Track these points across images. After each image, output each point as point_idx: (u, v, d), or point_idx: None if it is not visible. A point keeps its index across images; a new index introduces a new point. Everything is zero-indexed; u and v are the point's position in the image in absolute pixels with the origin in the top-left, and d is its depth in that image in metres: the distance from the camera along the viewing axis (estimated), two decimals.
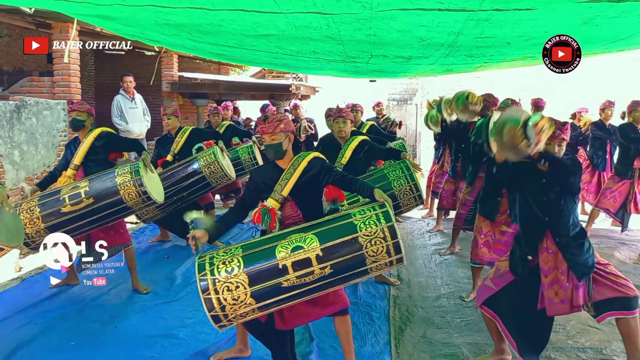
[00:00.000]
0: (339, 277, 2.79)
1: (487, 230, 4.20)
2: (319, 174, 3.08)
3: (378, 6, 2.80)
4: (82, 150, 4.46)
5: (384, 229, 2.78)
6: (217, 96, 10.66)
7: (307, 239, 2.79)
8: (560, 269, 3.00)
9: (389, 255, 2.78)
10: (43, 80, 7.60)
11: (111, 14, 3.97)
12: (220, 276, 2.72)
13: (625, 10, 2.80)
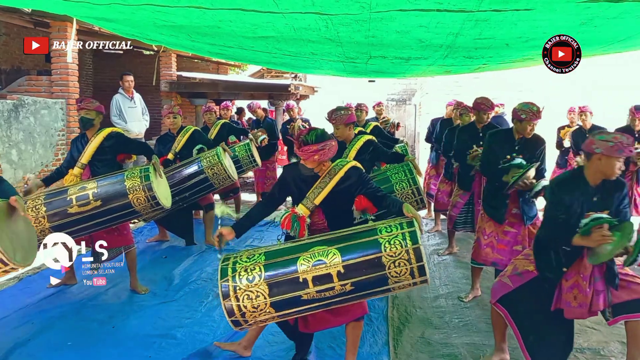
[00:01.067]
0: (359, 294, 2.77)
1: (490, 231, 4.17)
2: (354, 185, 3.01)
3: (377, 7, 2.80)
4: (90, 149, 4.38)
5: (409, 250, 2.67)
6: (215, 96, 10.66)
7: (330, 253, 2.73)
8: (583, 274, 2.95)
9: (413, 277, 2.70)
10: (41, 79, 7.58)
11: (109, 15, 3.96)
12: (241, 284, 2.72)
13: (623, 11, 2.80)
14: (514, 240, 4.09)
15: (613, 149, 2.75)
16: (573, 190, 2.91)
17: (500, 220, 4.11)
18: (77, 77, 7.66)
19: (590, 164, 2.87)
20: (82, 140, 4.50)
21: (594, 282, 2.95)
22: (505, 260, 4.09)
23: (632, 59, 10.25)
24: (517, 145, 3.96)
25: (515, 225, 4.09)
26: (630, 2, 2.62)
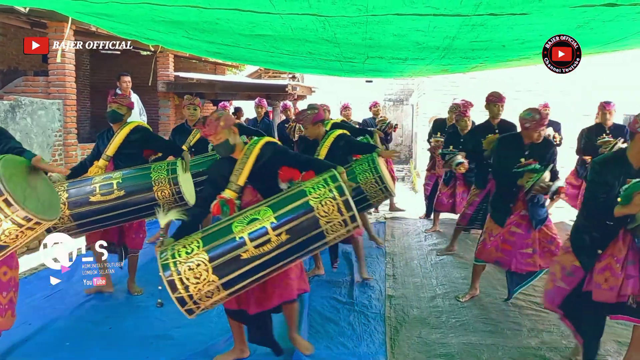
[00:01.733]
0: (296, 243, 2.85)
1: (497, 232, 4.17)
2: (273, 158, 3.20)
3: (373, 10, 2.81)
4: (116, 141, 4.31)
5: (332, 189, 2.88)
6: (213, 96, 10.66)
7: (261, 210, 2.89)
8: (616, 257, 2.97)
9: (341, 213, 2.86)
10: (38, 79, 7.58)
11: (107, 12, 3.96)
12: (181, 257, 2.78)
13: (619, 14, 2.81)
14: (521, 243, 4.08)
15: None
16: (615, 171, 2.92)
17: (501, 223, 4.12)
18: (74, 77, 7.66)
19: (634, 144, 2.89)
20: (108, 133, 4.45)
21: (626, 266, 2.96)
22: (508, 260, 4.12)
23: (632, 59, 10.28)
24: (527, 150, 3.96)
25: (523, 227, 4.08)
26: (625, 6, 2.63)
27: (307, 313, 4.07)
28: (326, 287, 4.79)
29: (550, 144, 4.06)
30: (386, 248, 6.14)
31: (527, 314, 4.13)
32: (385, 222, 7.52)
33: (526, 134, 3.93)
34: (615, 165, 2.96)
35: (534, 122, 3.83)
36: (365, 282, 4.91)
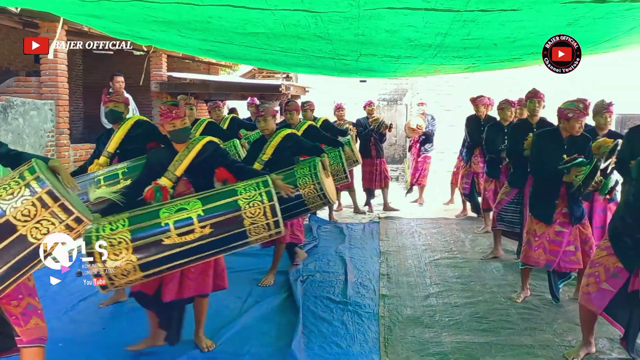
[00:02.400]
0: (218, 238, 2.93)
1: (541, 232, 4.09)
2: (212, 157, 3.36)
3: (365, 4, 2.81)
4: (117, 137, 4.19)
5: (262, 193, 3.03)
6: (206, 96, 10.64)
7: (191, 202, 2.99)
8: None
9: (266, 217, 3.00)
10: (30, 80, 7.54)
11: (99, 12, 3.94)
12: (104, 233, 2.81)
13: (609, 11, 2.82)
14: (567, 241, 4.04)
15: None
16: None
17: (548, 221, 4.04)
18: (67, 78, 7.63)
19: None
20: (107, 133, 4.34)
21: None
22: (557, 261, 4.05)
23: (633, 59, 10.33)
24: (566, 145, 3.91)
25: (566, 225, 4.03)
26: (614, 3, 2.64)
27: (301, 313, 4.06)
28: (320, 286, 4.79)
29: (588, 138, 3.96)
30: (380, 247, 6.14)
31: (520, 313, 4.13)
32: (380, 221, 7.52)
33: (566, 126, 3.84)
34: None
35: (577, 112, 3.75)
36: (359, 282, 4.90)
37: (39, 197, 2.10)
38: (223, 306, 4.27)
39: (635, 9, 2.79)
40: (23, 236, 2.06)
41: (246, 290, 4.63)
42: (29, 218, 2.07)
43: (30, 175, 2.14)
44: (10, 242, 2.06)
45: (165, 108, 3.29)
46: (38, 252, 2.14)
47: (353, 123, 7.96)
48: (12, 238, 2.06)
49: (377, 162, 8.10)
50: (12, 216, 2.06)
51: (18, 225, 2.06)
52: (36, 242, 2.10)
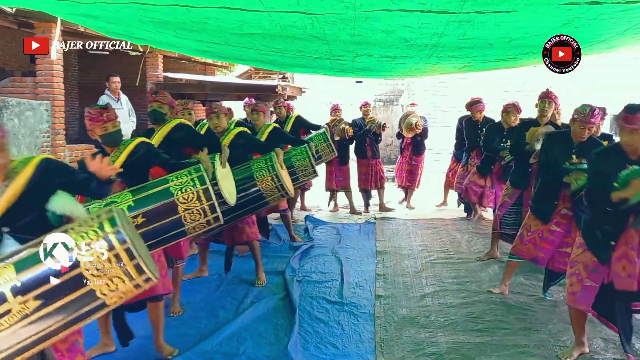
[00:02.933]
0: (152, 227, 2.89)
1: (535, 228, 4.14)
2: (145, 157, 3.30)
3: (361, 7, 2.82)
4: (156, 138, 4.08)
5: (194, 178, 3.02)
6: (203, 97, 10.62)
7: (122, 195, 2.98)
8: (630, 244, 3.00)
9: (200, 201, 2.99)
10: (25, 80, 7.52)
11: (94, 13, 3.94)
12: None
13: (603, 12, 2.84)
14: (559, 241, 4.07)
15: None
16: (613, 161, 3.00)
17: (546, 220, 4.08)
18: (63, 78, 7.60)
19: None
20: (148, 134, 4.23)
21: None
22: (546, 258, 4.11)
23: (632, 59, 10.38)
24: (575, 149, 3.88)
25: (562, 226, 4.05)
26: (608, 4, 2.66)
27: (298, 314, 4.06)
28: (316, 287, 4.79)
29: (600, 145, 3.87)
30: (376, 248, 6.15)
31: (515, 313, 4.14)
32: (376, 222, 7.52)
33: (573, 130, 3.85)
34: (613, 156, 3.03)
35: (582, 116, 3.74)
36: (355, 282, 4.91)
37: (116, 254, 2.00)
38: (219, 306, 4.28)
39: (628, 10, 2.81)
40: (92, 291, 1.98)
41: (242, 291, 4.63)
42: (102, 274, 1.99)
43: (110, 228, 2.02)
44: (78, 296, 1.97)
45: (94, 112, 3.18)
46: (103, 306, 2.06)
47: (349, 123, 7.96)
48: (81, 292, 1.98)
49: (372, 162, 8.10)
50: (85, 269, 1.97)
51: (89, 279, 1.97)
52: (103, 298, 2.01)
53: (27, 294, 1.94)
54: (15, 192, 2.33)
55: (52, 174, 2.45)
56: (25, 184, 2.36)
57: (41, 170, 2.41)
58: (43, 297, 1.95)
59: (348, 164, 8.17)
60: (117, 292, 2.03)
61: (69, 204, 2.38)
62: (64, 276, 1.96)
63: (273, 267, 5.37)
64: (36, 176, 2.39)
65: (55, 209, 2.36)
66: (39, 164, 2.43)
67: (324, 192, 8.49)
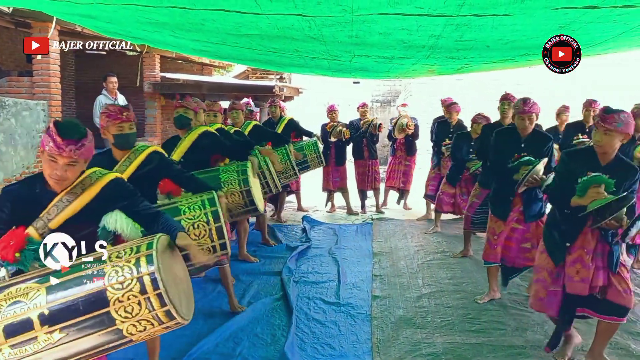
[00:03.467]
0: None
1: (499, 230, 4.20)
2: (157, 168, 3.09)
3: (359, 10, 2.82)
4: (183, 146, 4.05)
5: (208, 213, 2.89)
6: (200, 97, 10.58)
7: None
8: (586, 249, 3.04)
9: (212, 240, 2.88)
10: (22, 80, 7.49)
11: (92, 13, 3.94)
12: None
13: (600, 16, 2.85)
14: (522, 238, 4.14)
15: None
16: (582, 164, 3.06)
17: (503, 217, 4.15)
18: (59, 78, 7.58)
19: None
20: (174, 141, 4.20)
21: (596, 258, 3.04)
22: (512, 256, 4.18)
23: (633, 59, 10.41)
24: (523, 143, 4.01)
25: (521, 223, 4.13)
26: (605, 9, 2.67)
27: (295, 315, 4.07)
28: (312, 287, 4.80)
29: (548, 138, 4.08)
30: (373, 249, 6.16)
31: (511, 314, 4.16)
32: (372, 222, 7.53)
33: (517, 125, 3.99)
34: (583, 158, 3.06)
35: (516, 108, 3.96)
36: (351, 283, 4.92)
37: (147, 298, 1.94)
38: (216, 307, 4.28)
39: (625, 14, 2.83)
40: (119, 330, 1.94)
41: (239, 292, 4.63)
42: (130, 316, 1.93)
43: (146, 268, 1.95)
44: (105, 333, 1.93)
45: (114, 109, 3.05)
46: (129, 342, 2.01)
47: (346, 125, 7.97)
48: (108, 330, 1.94)
49: (369, 163, 8.10)
50: (115, 310, 1.92)
51: (117, 320, 1.92)
52: (130, 337, 1.97)
53: (54, 325, 1.91)
54: (77, 207, 2.28)
55: (118, 196, 2.39)
56: (91, 200, 2.31)
57: (109, 190, 2.36)
58: (69, 329, 1.92)
59: (345, 165, 8.18)
60: (145, 332, 1.99)
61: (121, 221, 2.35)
62: (93, 312, 1.91)
63: (270, 268, 5.37)
64: (104, 195, 2.34)
65: (108, 224, 2.33)
66: (108, 183, 2.37)
67: (321, 193, 8.50)
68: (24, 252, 2.12)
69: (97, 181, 2.34)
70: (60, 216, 2.25)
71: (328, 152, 8.05)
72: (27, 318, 1.90)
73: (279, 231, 6.77)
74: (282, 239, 6.51)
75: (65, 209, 2.25)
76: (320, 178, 8.28)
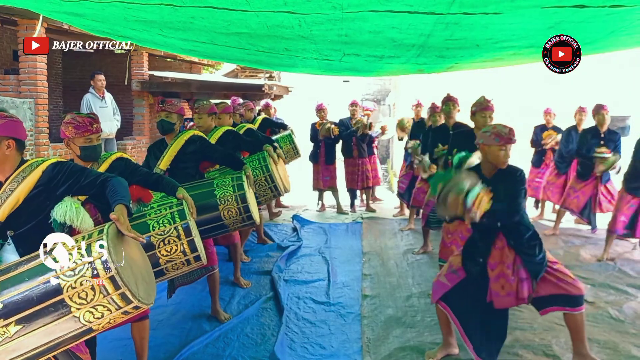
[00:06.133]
0: None
1: (454, 229, 4.25)
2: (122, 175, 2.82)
3: (349, 7, 2.81)
4: (169, 153, 3.90)
5: (179, 227, 2.76)
6: (189, 95, 10.56)
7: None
8: (506, 263, 3.11)
9: (185, 254, 2.77)
10: (8, 78, 7.42)
11: (79, 11, 3.89)
12: None
13: (590, 15, 2.86)
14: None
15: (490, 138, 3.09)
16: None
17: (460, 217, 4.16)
18: (46, 76, 7.51)
19: (483, 155, 3.19)
20: (160, 145, 4.04)
21: (517, 270, 3.09)
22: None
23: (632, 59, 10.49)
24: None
25: None
26: (594, 8, 2.68)
27: (285, 314, 4.06)
28: (302, 287, 4.79)
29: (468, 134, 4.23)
30: (363, 248, 6.16)
31: None
32: (362, 222, 7.54)
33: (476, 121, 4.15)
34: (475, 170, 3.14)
35: (478, 105, 4.11)
36: (341, 282, 4.91)
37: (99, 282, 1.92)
38: (205, 307, 4.25)
39: (614, 14, 2.84)
40: (75, 318, 1.92)
41: (229, 292, 4.61)
42: (85, 302, 1.91)
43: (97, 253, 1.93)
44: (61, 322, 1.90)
45: (82, 120, 2.89)
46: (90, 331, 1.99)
47: (335, 123, 7.96)
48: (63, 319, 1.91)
49: (359, 162, 8.08)
50: (68, 296, 1.90)
51: (72, 307, 1.90)
52: (88, 324, 1.94)
53: (9, 318, 1.89)
54: (20, 197, 2.25)
55: (60, 179, 2.32)
56: (31, 188, 2.27)
57: (49, 175, 2.31)
58: (25, 321, 1.89)
59: (335, 164, 8.17)
60: (103, 319, 1.96)
61: (70, 213, 2.28)
62: (47, 301, 1.89)
63: (260, 267, 5.36)
64: (43, 181, 2.29)
65: (57, 216, 2.27)
66: (46, 168, 2.32)
67: (311, 192, 8.49)
68: None
69: (36, 168, 2.31)
70: (4, 207, 2.23)
71: (318, 151, 8.05)
72: None
73: (269, 230, 6.75)
74: (274, 238, 6.49)
75: (7, 200, 2.24)
76: (310, 177, 8.27)
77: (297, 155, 6.95)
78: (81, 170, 2.40)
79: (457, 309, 3.24)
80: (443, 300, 3.27)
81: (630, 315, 4.09)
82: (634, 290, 4.62)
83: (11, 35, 10.19)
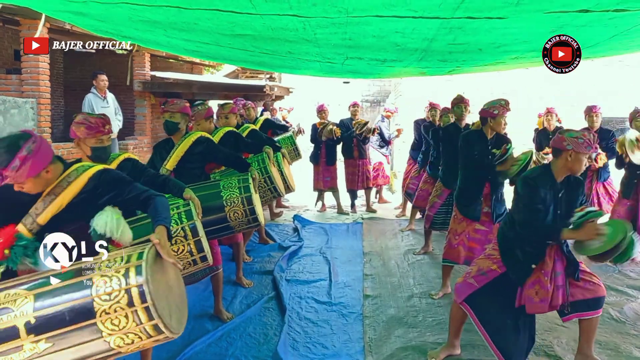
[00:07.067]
0: None
1: (461, 231, 4.28)
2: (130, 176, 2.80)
3: (354, 12, 2.83)
4: (176, 153, 3.89)
5: (186, 227, 2.80)
6: (190, 96, 10.56)
7: None
8: (544, 270, 3.06)
9: (192, 254, 2.81)
10: (10, 78, 7.44)
11: (83, 10, 3.91)
12: None
13: (592, 19, 2.89)
14: (485, 239, 4.20)
15: (582, 145, 2.93)
16: (546, 184, 3.03)
17: (476, 217, 4.22)
18: (48, 76, 7.53)
19: (559, 160, 3.02)
20: (166, 145, 4.02)
21: (554, 277, 3.07)
22: (477, 257, 4.18)
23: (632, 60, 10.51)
24: (490, 144, 4.15)
25: (486, 224, 4.23)
26: (597, 12, 2.71)
27: (287, 314, 4.08)
28: (304, 287, 4.81)
29: (508, 138, 4.23)
30: (364, 248, 6.19)
31: None
32: (363, 222, 7.56)
33: (494, 124, 4.10)
34: (545, 178, 3.06)
35: (501, 108, 4.06)
36: (343, 282, 4.94)
37: (134, 311, 1.90)
38: (208, 306, 4.28)
39: (616, 18, 2.86)
40: (105, 342, 1.92)
41: (231, 292, 4.64)
42: (117, 329, 1.91)
43: (134, 280, 1.91)
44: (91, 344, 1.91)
45: (95, 121, 2.88)
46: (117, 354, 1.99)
47: (336, 124, 7.98)
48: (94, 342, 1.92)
49: (359, 162, 8.11)
50: (101, 321, 1.89)
51: (104, 332, 1.90)
52: (117, 349, 1.94)
53: (40, 335, 1.89)
54: (63, 201, 2.24)
55: (105, 188, 2.33)
56: (76, 194, 2.27)
57: (95, 183, 2.32)
58: (55, 339, 1.90)
59: (335, 165, 8.20)
60: (133, 345, 1.97)
61: (111, 224, 2.26)
62: (79, 323, 1.89)
63: (262, 267, 5.38)
64: (88, 188, 2.30)
65: (97, 227, 2.24)
66: (92, 175, 2.33)
67: (312, 192, 8.51)
68: (13, 248, 2.11)
69: (82, 174, 2.31)
70: (48, 211, 2.22)
71: (318, 152, 8.07)
72: (13, 326, 1.88)
73: (270, 230, 6.77)
74: (275, 238, 6.51)
75: (51, 203, 2.22)
76: (310, 177, 8.29)
77: (298, 156, 7.02)
78: (127, 183, 2.41)
79: (482, 313, 3.19)
80: (467, 301, 3.24)
81: (631, 317, 4.12)
82: (635, 292, 4.65)
83: (13, 35, 10.21)
